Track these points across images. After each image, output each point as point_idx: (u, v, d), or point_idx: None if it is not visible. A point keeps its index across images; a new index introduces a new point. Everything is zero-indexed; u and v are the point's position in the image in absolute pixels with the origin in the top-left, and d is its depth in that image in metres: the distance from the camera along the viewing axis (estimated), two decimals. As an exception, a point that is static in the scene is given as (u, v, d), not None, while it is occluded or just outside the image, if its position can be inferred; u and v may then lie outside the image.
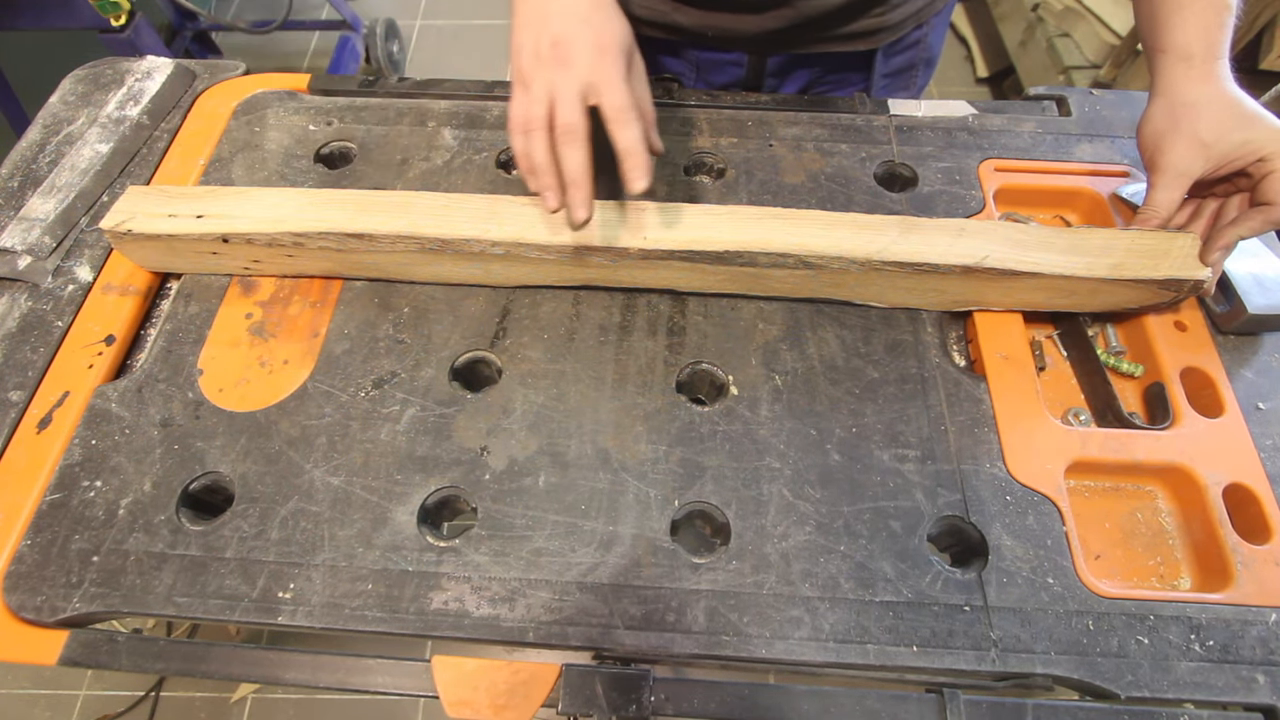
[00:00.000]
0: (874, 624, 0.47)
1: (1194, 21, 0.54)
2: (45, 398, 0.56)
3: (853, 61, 0.78)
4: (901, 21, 0.74)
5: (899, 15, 0.73)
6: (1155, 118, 0.55)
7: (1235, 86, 0.54)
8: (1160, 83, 0.56)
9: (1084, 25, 1.87)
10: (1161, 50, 0.56)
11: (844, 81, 0.81)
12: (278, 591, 0.48)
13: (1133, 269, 0.54)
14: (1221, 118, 0.53)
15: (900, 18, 0.73)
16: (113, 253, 0.63)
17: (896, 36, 0.76)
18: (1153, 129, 0.55)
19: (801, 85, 0.81)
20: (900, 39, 0.77)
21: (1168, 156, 0.54)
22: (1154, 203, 0.55)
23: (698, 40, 0.75)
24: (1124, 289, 0.55)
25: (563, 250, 0.55)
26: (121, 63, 0.76)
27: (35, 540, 0.50)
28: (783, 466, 0.52)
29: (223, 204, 0.58)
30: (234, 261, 0.60)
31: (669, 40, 0.76)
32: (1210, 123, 0.53)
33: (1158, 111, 0.55)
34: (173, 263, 0.61)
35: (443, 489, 0.52)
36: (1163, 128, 0.54)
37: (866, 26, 0.73)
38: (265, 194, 0.59)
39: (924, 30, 0.78)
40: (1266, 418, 0.54)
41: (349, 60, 2.11)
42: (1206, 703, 0.45)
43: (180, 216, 0.57)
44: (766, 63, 0.78)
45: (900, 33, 0.76)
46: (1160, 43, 0.56)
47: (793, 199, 0.66)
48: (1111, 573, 0.51)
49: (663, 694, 0.46)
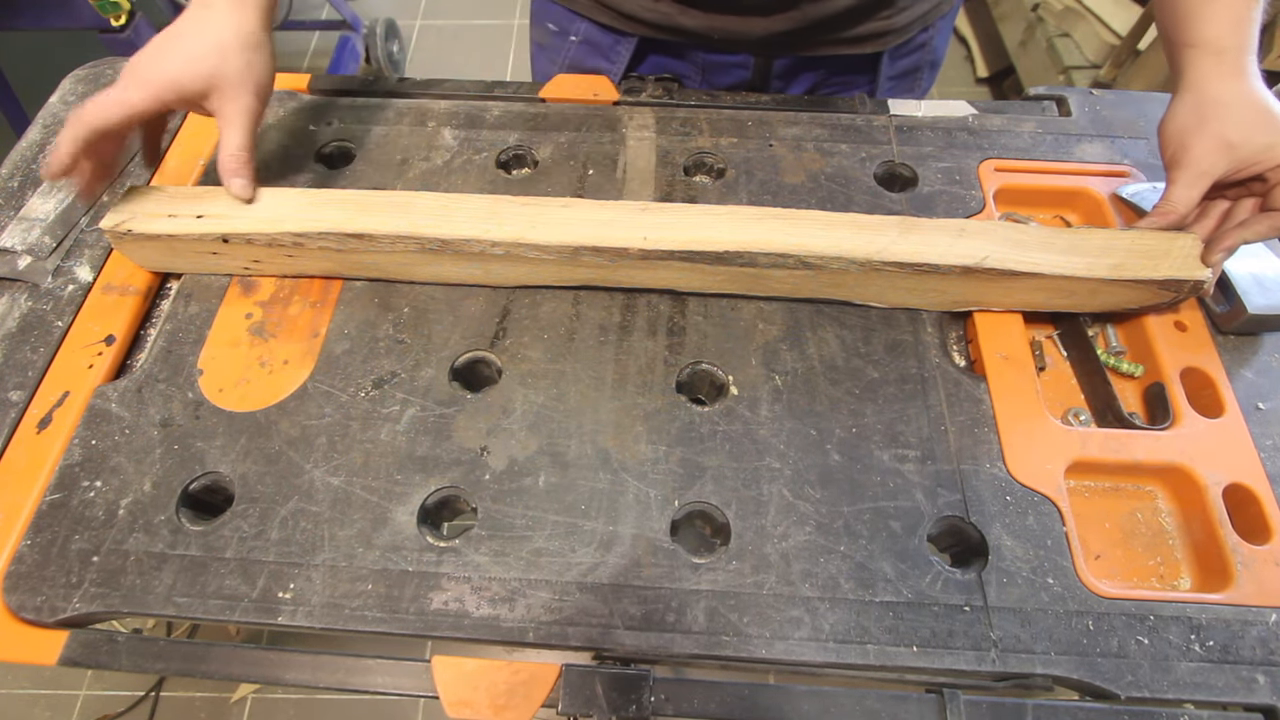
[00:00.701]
0: (874, 624, 0.47)
1: (1225, 14, 0.52)
2: (45, 398, 0.56)
3: (859, 64, 0.78)
4: (908, 25, 0.74)
5: (905, 18, 0.73)
6: (1181, 114, 0.54)
7: (1263, 85, 0.53)
8: (1189, 77, 0.54)
9: (1084, 25, 1.87)
10: (1190, 44, 0.54)
11: (850, 84, 0.81)
12: (278, 591, 0.48)
13: (1133, 269, 0.54)
14: (1250, 118, 0.52)
15: (906, 20, 0.73)
16: (113, 253, 0.63)
17: (903, 39, 0.76)
18: (1178, 125, 0.54)
19: (807, 88, 0.81)
20: (906, 42, 0.77)
21: (1191, 154, 0.53)
22: (1173, 200, 0.54)
23: (703, 43, 0.75)
24: (1124, 289, 0.55)
25: (563, 250, 0.55)
26: (121, 63, 0.76)
27: (35, 540, 0.50)
28: (783, 466, 0.52)
29: (223, 204, 0.58)
30: (234, 261, 0.60)
31: (674, 43, 0.76)
32: (1238, 123, 0.51)
33: (1183, 107, 0.54)
34: (173, 263, 0.61)
35: (443, 489, 0.52)
36: (1188, 124, 0.53)
37: (873, 29, 0.73)
38: (265, 194, 0.59)
39: (929, 33, 0.78)
40: (1266, 418, 0.54)
41: (349, 60, 2.11)
42: (1206, 703, 0.45)
43: (180, 216, 0.57)
44: (772, 65, 0.77)
45: (906, 35, 0.75)
46: (1188, 36, 0.54)
47: (793, 199, 0.66)
48: (1111, 573, 0.51)
49: (663, 694, 0.46)
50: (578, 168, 0.69)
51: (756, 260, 0.55)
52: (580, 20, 0.76)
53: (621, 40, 0.76)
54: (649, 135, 0.71)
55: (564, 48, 0.79)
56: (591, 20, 0.76)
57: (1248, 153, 0.51)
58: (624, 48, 0.76)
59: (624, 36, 0.76)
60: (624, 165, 0.69)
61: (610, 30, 0.76)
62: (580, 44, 0.78)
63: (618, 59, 0.77)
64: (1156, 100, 0.74)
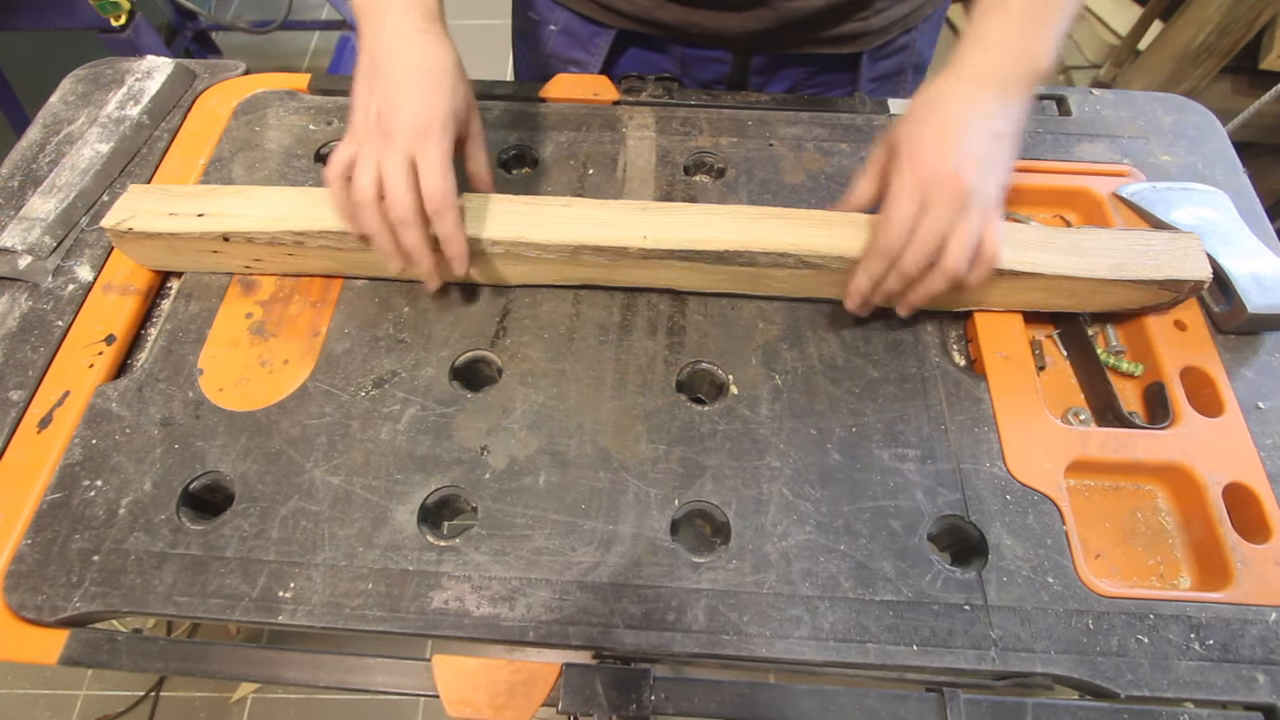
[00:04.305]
0: (874, 623, 0.47)
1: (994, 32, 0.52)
2: (46, 397, 0.56)
3: (838, 64, 0.78)
4: (886, 27, 0.74)
5: (883, 20, 0.73)
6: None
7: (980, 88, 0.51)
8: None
9: (1084, 25, 1.87)
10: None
11: (832, 83, 0.81)
12: (278, 591, 0.48)
13: (1134, 269, 0.54)
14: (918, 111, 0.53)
15: (884, 23, 0.73)
16: (113, 252, 0.63)
17: (882, 41, 0.76)
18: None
19: (788, 85, 0.81)
20: (887, 44, 0.77)
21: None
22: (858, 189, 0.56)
23: (681, 37, 0.75)
24: (1124, 289, 0.55)
25: (563, 249, 0.55)
26: (121, 63, 0.76)
27: (36, 540, 0.50)
28: (783, 466, 0.52)
29: (224, 203, 0.58)
30: (235, 260, 0.60)
31: (654, 36, 0.76)
32: (909, 114, 0.53)
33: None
34: (174, 261, 0.61)
35: (443, 488, 0.52)
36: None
37: (850, 30, 0.73)
38: (266, 193, 0.59)
39: (912, 36, 0.78)
40: (1266, 417, 0.55)
41: (349, 60, 2.11)
42: (1206, 702, 0.45)
43: (181, 215, 0.57)
44: (751, 61, 0.78)
45: (886, 37, 0.75)
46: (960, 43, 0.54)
47: (793, 198, 0.66)
48: (1111, 572, 0.51)
49: (663, 693, 0.46)
50: (578, 167, 0.69)
51: (757, 260, 0.55)
52: (561, 10, 0.77)
53: (601, 32, 0.76)
54: (649, 135, 0.71)
55: (544, 37, 0.80)
56: (572, 10, 0.76)
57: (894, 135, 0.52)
58: (603, 39, 0.77)
59: (603, 28, 0.76)
60: (624, 165, 0.69)
61: (590, 21, 0.76)
62: (559, 33, 0.78)
63: (596, 50, 0.78)
64: (1157, 100, 0.74)
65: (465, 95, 0.54)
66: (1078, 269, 0.54)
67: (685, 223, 0.56)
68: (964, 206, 0.48)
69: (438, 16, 0.54)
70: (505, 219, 0.56)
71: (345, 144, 0.52)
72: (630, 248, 0.55)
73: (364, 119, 0.51)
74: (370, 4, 0.53)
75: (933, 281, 0.51)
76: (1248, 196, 0.66)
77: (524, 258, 0.56)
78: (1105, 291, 0.55)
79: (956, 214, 0.48)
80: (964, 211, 0.48)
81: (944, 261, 0.50)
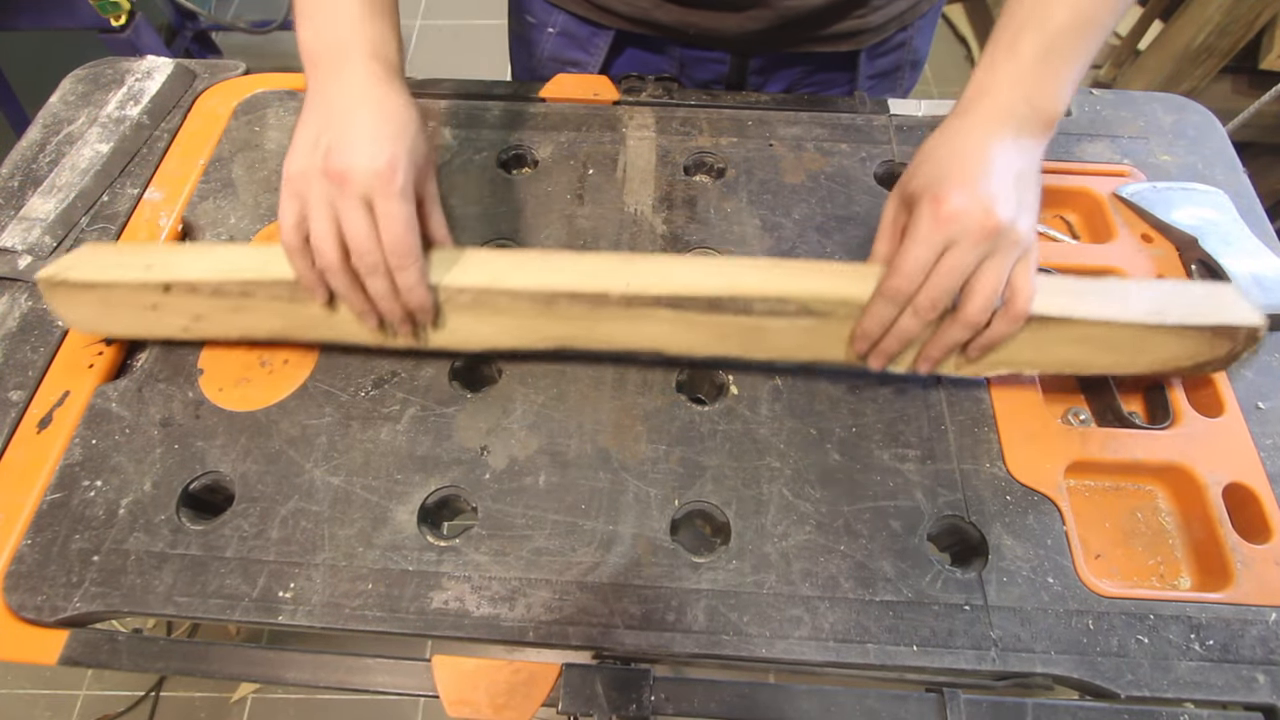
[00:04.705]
0: (874, 623, 0.47)
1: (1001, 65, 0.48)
2: (45, 397, 0.56)
3: (836, 62, 0.78)
4: (884, 24, 0.74)
5: (880, 18, 0.73)
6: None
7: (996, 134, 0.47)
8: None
9: (1084, 25, 1.87)
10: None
11: (829, 82, 0.81)
12: (278, 591, 0.48)
13: (1176, 315, 0.48)
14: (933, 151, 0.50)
15: (882, 20, 0.73)
16: (113, 252, 0.63)
17: (880, 39, 0.76)
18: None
19: (786, 85, 0.81)
20: (884, 41, 0.77)
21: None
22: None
23: (679, 38, 0.75)
24: (1171, 339, 0.49)
25: (536, 297, 0.51)
26: (121, 63, 0.76)
27: (35, 540, 0.50)
28: (783, 466, 0.52)
29: (175, 256, 0.53)
30: (174, 318, 0.54)
31: (652, 37, 0.76)
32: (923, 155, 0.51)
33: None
34: (108, 321, 0.55)
35: (443, 488, 0.52)
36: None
37: (848, 28, 0.73)
38: (224, 248, 0.55)
39: (909, 33, 0.78)
40: (1266, 417, 0.55)
41: (349, 60, 2.10)
42: (1206, 702, 0.45)
43: (128, 267, 0.52)
44: (749, 61, 0.78)
45: (883, 35, 0.75)
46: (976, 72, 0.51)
47: (793, 198, 0.66)
48: (1111, 572, 0.51)
49: (663, 693, 0.46)
50: (578, 167, 0.69)
51: (753, 307, 0.50)
52: (558, 12, 0.77)
53: (599, 33, 0.77)
54: (649, 134, 0.71)
55: (541, 40, 0.80)
56: (569, 12, 0.76)
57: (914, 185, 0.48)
58: (601, 40, 0.77)
59: (601, 29, 0.76)
60: (624, 165, 0.69)
61: (587, 22, 0.76)
62: (558, 35, 0.78)
63: (595, 51, 0.78)
64: (1157, 100, 0.74)
65: (426, 154, 0.50)
66: (1114, 314, 0.48)
67: (672, 268, 0.52)
68: (995, 248, 0.44)
69: (399, 71, 0.51)
70: (474, 268, 0.51)
71: (287, 200, 0.46)
72: (611, 293, 0.50)
73: (307, 159, 0.46)
74: (325, 49, 0.49)
75: (952, 331, 0.47)
76: (1248, 196, 0.66)
77: (494, 309, 0.52)
78: (1153, 345, 0.50)
79: (985, 254, 0.44)
80: (995, 254, 0.44)
81: (966, 305, 0.45)
